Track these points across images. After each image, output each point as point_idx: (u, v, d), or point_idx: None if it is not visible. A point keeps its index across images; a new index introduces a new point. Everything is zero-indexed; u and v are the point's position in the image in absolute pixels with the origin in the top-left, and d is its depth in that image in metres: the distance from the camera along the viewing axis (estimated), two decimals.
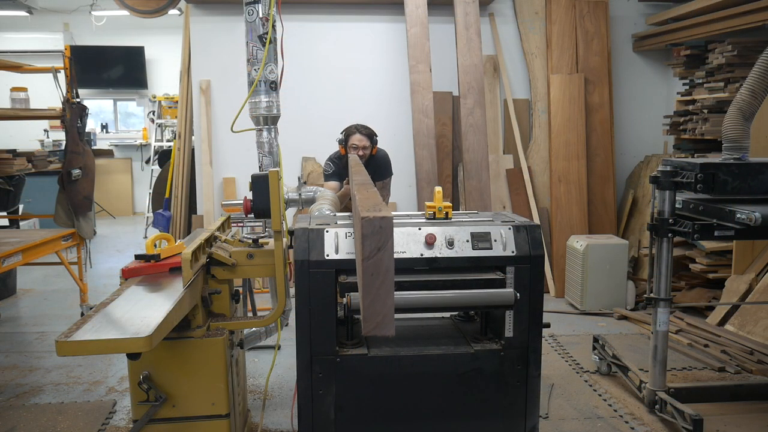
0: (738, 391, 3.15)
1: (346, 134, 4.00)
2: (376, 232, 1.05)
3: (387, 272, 1.04)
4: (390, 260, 1.05)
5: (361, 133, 3.97)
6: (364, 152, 3.95)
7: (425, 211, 2.43)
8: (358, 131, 3.97)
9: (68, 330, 1.71)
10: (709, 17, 4.58)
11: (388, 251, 1.05)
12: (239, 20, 3.21)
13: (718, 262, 4.45)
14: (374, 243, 1.05)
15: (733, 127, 2.88)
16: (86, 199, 4.45)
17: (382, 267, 1.05)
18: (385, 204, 1.27)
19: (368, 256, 1.05)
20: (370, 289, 1.04)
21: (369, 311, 1.04)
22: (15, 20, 9.38)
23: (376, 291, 1.04)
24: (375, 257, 1.05)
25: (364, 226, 1.05)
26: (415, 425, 2.28)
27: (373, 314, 1.03)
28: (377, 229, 1.05)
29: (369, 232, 1.06)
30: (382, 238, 1.05)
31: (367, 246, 1.05)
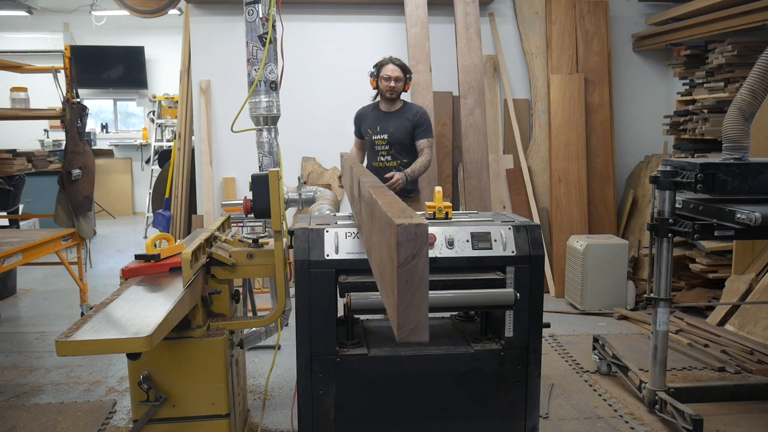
0: (738, 391, 3.15)
1: (378, 66, 3.88)
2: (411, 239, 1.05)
3: (422, 279, 1.04)
4: (425, 267, 1.05)
5: (395, 63, 3.83)
6: (396, 84, 3.82)
7: (425, 211, 2.43)
8: (391, 62, 3.84)
9: (68, 330, 1.71)
10: (709, 17, 4.58)
11: (423, 258, 1.05)
12: (239, 20, 3.21)
13: (718, 262, 4.45)
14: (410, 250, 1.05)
15: (733, 127, 2.88)
16: (86, 199, 4.45)
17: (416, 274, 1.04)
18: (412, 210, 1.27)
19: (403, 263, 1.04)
20: (404, 296, 1.03)
21: (403, 318, 1.03)
22: (15, 20, 9.38)
23: (410, 297, 1.04)
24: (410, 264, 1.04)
25: (400, 233, 1.05)
26: (415, 425, 2.28)
27: (408, 321, 1.03)
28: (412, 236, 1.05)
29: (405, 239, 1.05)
30: (418, 245, 1.04)
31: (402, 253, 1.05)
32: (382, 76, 3.83)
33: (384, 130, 3.88)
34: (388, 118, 3.90)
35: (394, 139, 3.85)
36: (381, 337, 2.39)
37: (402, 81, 3.85)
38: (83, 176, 4.40)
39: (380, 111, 3.95)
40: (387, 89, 3.84)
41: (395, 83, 3.82)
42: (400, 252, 1.04)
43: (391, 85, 3.81)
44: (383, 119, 3.90)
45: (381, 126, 3.89)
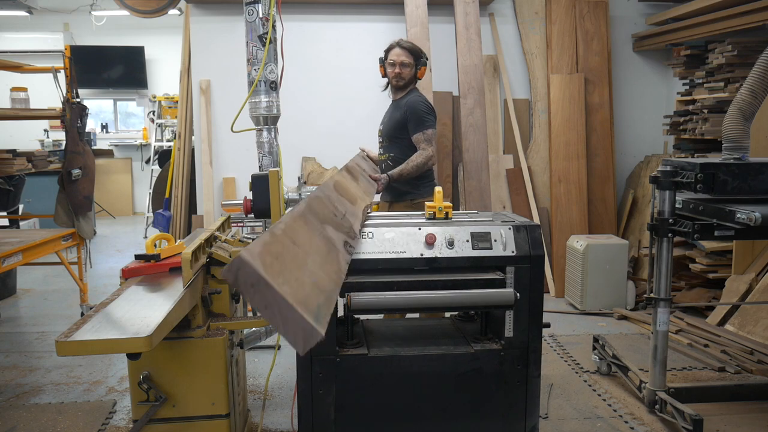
0: (738, 391, 3.15)
1: (386, 50, 3.51)
2: (238, 276, 1.00)
3: (276, 300, 0.99)
4: (273, 291, 0.99)
5: (402, 47, 3.42)
6: (402, 70, 3.42)
7: (425, 210, 2.43)
8: (398, 45, 3.43)
9: (68, 330, 1.71)
10: (709, 17, 4.58)
11: (262, 285, 0.99)
12: (239, 20, 3.21)
13: (718, 262, 4.45)
14: (244, 282, 1.00)
15: (733, 127, 2.88)
16: (86, 199, 4.45)
17: (268, 298, 0.99)
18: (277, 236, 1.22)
19: (248, 296, 1.01)
20: (275, 321, 0.99)
21: (289, 337, 1.00)
22: (15, 20, 9.38)
23: (281, 320, 0.99)
24: (254, 295, 1.00)
25: (224, 273, 1.02)
26: (415, 425, 2.28)
27: (294, 335, 1.00)
28: (235, 269, 1.00)
29: (232, 279, 1.01)
30: (249, 278, 0.99)
31: (240, 287, 1.00)
32: (388, 61, 3.48)
33: (383, 120, 3.64)
34: (391, 107, 3.61)
35: (386, 131, 3.56)
36: (381, 337, 2.39)
37: (410, 67, 3.45)
38: (83, 176, 4.40)
39: (392, 100, 3.66)
40: (393, 76, 3.48)
41: (401, 69, 3.43)
42: (235, 286, 1.01)
43: (396, 71, 3.44)
44: (388, 108, 3.64)
45: (385, 115, 3.65)
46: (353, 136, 5.42)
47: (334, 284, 1.26)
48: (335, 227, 1.63)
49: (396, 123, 3.47)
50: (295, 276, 1.08)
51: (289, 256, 1.14)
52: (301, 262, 1.18)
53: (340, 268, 1.39)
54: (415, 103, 3.44)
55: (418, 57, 3.47)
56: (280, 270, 1.04)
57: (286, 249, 1.16)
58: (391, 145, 3.52)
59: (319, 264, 1.26)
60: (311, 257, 1.26)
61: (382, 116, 3.66)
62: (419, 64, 3.48)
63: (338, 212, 1.80)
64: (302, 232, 1.35)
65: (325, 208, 1.69)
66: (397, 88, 3.53)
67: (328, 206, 1.74)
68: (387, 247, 2.18)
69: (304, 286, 1.08)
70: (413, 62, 3.46)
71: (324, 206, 1.70)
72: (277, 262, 1.06)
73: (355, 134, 5.42)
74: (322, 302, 1.07)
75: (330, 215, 1.68)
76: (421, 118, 3.40)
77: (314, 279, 1.15)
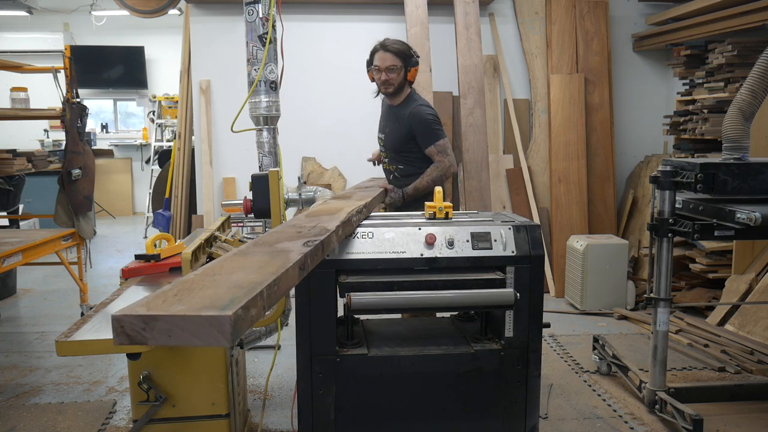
0: (738, 391, 3.15)
1: (371, 52, 3.11)
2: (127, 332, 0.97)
3: (172, 322, 0.97)
4: (164, 318, 0.97)
5: (387, 49, 2.99)
6: (389, 76, 3.01)
7: (425, 210, 2.43)
8: (382, 47, 3.01)
9: (68, 330, 1.71)
10: (709, 17, 4.58)
11: (151, 321, 0.97)
12: (239, 20, 3.21)
13: (718, 262, 4.45)
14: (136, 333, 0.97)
15: (733, 127, 2.88)
16: (86, 199, 4.45)
17: (165, 327, 0.97)
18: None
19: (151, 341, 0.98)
20: (186, 339, 0.97)
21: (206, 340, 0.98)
22: (15, 20, 9.38)
23: (190, 334, 0.97)
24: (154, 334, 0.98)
25: (115, 342, 0.99)
26: (415, 425, 2.28)
27: (207, 336, 0.98)
28: (119, 329, 0.97)
29: (125, 339, 0.98)
30: (135, 325, 0.97)
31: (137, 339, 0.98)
32: (374, 67, 3.11)
33: (382, 129, 3.32)
34: (390, 114, 3.25)
35: (389, 142, 3.25)
36: (381, 337, 2.39)
37: (399, 70, 3.04)
38: (83, 176, 4.40)
39: (387, 104, 3.29)
40: (381, 83, 3.10)
41: (388, 74, 3.03)
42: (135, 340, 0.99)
43: (383, 78, 3.05)
44: (387, 115, 3.30)
45: (383, 123, 3.33)
46: (353, 136, 5.44)
47: (270, 274, 1.21)
48: (294, 238, 1.59)
49: (401, 137, 3.15)
50: (201, 294, 1.07)
51: (200, 285, 1.13)
52: (219, 282, 1.17)
53: (287, 259, 1.35)
54: (420, 115, 3.08)
55: (406, 58, 3.06)
56: (178, 300, 1.03)
57: (196, 283, 1.14)
58: (398, 158, 3.22)
59: (251, 272, 1.24)
60: (238, 273, 1.23)
61: (379, 121, 3.39)
62: (409, 65, 3.07)
63: (305, 228, 1.75)
64: (232, 263, 1.33)
65: (281, 234, 1.66)
66: (387, 95, 3.18)
67: (287, 231, 1.71)
68: (387, 247, 2.18)
69: (215, 295, 1.06)
70: (402, 64, 3.05)
71: (280, 233, 1.67)
72: (175, 298, 1.05)
73: (355, 134, 5.44)
74: (239, 294, 1.05)
75: (288, 235, 1.64)
76: (431, 130, 3.07)
77: (236, 284, 1.14)
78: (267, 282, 1.16)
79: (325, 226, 1.79)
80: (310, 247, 1.49)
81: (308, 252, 1.45)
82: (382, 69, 3.07)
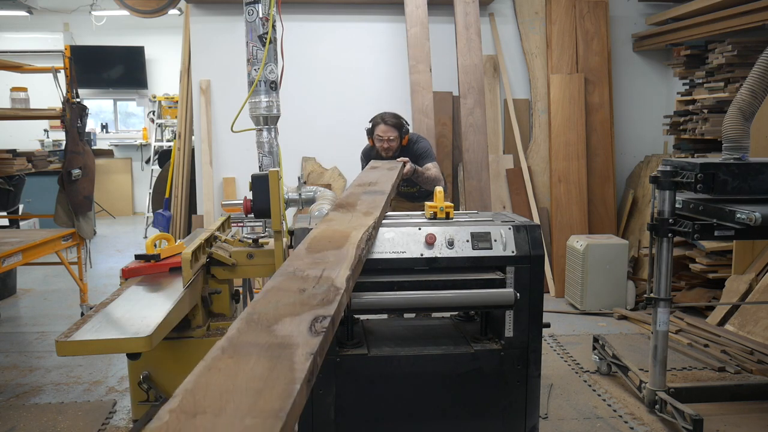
0: (738, 391, 3.15)
1: (372, 124, 3.74)
2: None
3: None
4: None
5: (386, 123, 3.65)
6: (390, 144, 3.66)
7: (425, 210, 2.43)
8: (383, 121, 3.66)
9: (68, 330, 1.71)
10: (709, 17, 4.58)
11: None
12: (239, 20, 3.21)
13: (718, 262, 4.45)
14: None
15: (733, 127, 2.88)
16: (86, 199, 4.45)
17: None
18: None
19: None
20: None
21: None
22: (15, 20, 9.38)
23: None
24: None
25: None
26: (415, 425, 2.28)
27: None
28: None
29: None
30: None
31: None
32: (376, 136, 3.71)
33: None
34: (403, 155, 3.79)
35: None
36: (381, 337, 2.39)
37: (397, 139, 3.69)
38: (83, 176, 4.40)
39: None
40: (382, 150, 3.71)
41: (389, 144, 3.67)
42: None
43: (385, 146, 3.68)
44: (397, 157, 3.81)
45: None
46: (353, 136, 5.42)
47: (272, 417, 0.85)
48: (298, 310, 1.24)
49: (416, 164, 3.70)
50: None
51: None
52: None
53: (293, 376, 0.98)
54: (427, 146, 3.85)
55: (401, 128, 3.70)
56: None
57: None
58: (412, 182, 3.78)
59: (247, 407, 0.88)
60: (229, 411, 0.87)
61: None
62: (403, 134, 3.71)
63: (309, 281, 1.42)
64: (220, 379, 0.96)
65: (281, 297, 1.32)
66: (387, 158, 3.72)
67: (289, 288, 1.38)
68: (387, 247, 2.18)
69: None
70: (398, 135, 3.68)
71: (281, 294, 1.34)
72: None
73: (355, 134, 5.42)
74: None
75: (290, 300, 1.30)
76: (429, 154, 3.81)
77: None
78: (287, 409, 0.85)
79: (332, 279, 1.44)
80: (319, 335, 1.14)
81: (317, 350, 1.08)
82: (384, 139, 3.67)
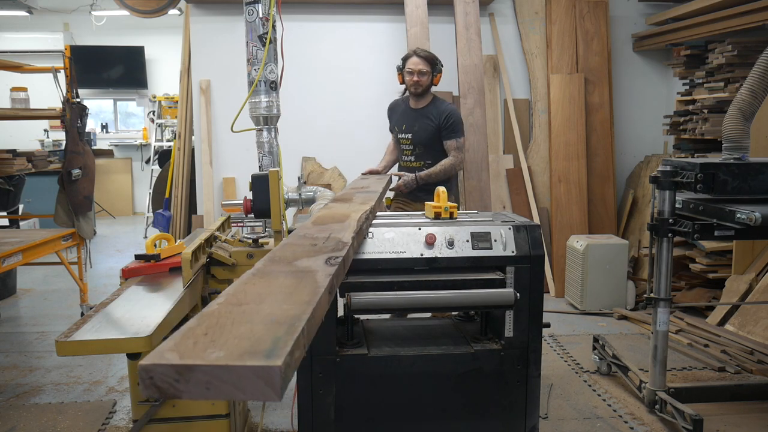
0: (738, 391, 3.15)
1: (403, 59, 3.67)
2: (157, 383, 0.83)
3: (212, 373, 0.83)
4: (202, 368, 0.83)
5: (419, 55, 3.58)
6: (420, 78, 3.56)
7: (426, 210, 2.43)
8: (416, 54, 3.59)
9: (68, 330, 1.71)
10: (709, 17, 4.58)
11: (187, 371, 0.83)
12: (239, 20, 3.21)
13: (718, 262, 4.45)
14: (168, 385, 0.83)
15: (733, 127, 2.88)
16: (86, 199, 4.45)
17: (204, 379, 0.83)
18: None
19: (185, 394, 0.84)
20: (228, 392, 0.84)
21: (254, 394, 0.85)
22: (15, 20, 9.38)
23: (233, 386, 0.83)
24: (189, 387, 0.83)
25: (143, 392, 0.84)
26: (414, 425, 2.28)
27: (254, 390, 0.84)
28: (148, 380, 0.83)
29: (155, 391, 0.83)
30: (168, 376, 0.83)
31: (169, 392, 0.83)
32: (406, 70, 3.62)
33: (409, 129, 3.70)
34: (414, 115, 3.69)
35: (418, 139, 3.66)
36: (381, 337, 2.39)
37: (428, 75, 3.59)
38: (83, 176, 4.40)
39: (409, 107, 3.73)
40: (411, 84, 3.61)
41: (419, 77, 3.57)
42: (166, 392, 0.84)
43: (415, 79, 3.58)
44: (410, 116, 3.71)
45: (407, 124, 3.70)
46: (353, 136, 5.44)
47: (306, 304, 1.09)
48: (312, 254, 1.47)
49: (432, 131, 3.61)
50: (236, 334, 0.94)
51: (230, 320, 1.00)
52: (249, 315, 1.03)
53: (317, 284, 1.21)
54: (455, 112, 3.66)
55: (434, 65, 3.61)
56: (211, 341, 0.91)
57: (223, 317, 1.02)
58: (426, 153, 3.65)
59: (283, 300, 1.12)
60: (268, 302, 1.11)
61: (396, 124, 3.76)
62: (435, 71, 3.62)
63: (319, 240, 1.63)
64: (255, 287, 1.20)
65: (296, 248, 1.53)
66: (415, 95, 3.65)
67: (301, 243, 1.58)
68: (387, 247, 2.18)
69: (253, 335, 0.94)
70: (430, 70, 3.59)
71: (295, 247, 1.54)
72: (205, 338, 0.92)
73: (356, 134, 5.44)
74: (281, 334, 0.93)
75: (304, 250, 1.52)
76: (457, 127, 3.62)
77: (272, 318, 1.01)
78: (306, 315, 1.03)
79: (339, 237, 1.67)
80: (334, 266, 1.36)
81: (334, 273, 1.32)
82: (414, 71, 3.56)
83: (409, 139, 3.70)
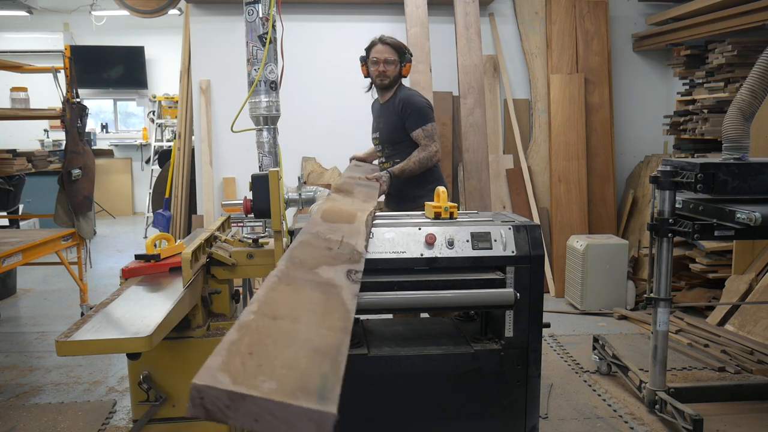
0: (738, 391, 3.15)
1: (367, 48, 3.21)
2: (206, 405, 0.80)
3: (263, 406, 0.81)
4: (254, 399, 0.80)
5: (385, 42, 3.14)
6: (387, 68, 3.14)
7: (426, 210, 2.43)
8: (380, 41, 3.15)
9: (68, 330, 1.71)
10: (709, 17, 4.58)
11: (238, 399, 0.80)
12: (239, 20, 3.21)
13: (718, 262, 4.45)
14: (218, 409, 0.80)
15: (733, 127, 2.88)
16: (86, 199, 4.45)
17: (254, 410, 0.80)
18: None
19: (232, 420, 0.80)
20: (276, 427, 0.81)
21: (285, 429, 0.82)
22: (15, 20, 9.38)
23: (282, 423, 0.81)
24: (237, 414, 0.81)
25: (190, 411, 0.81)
26: (415, 425, 2.28)
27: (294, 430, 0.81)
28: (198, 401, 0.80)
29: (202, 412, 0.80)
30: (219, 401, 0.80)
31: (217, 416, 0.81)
32: (371, 60, 3.19)
33: (376, 128, 3.37)
34: (381, 111, 3.32)
35: (384, 137, 3.29)
36: (381, 337, 2.39)
37: (395, 64, 3.16)
38: (83, 176, 4.40)
39: (378, 103, 3.37)
40: (376, 74, 3.18)
41: (385, 66, 3.14)
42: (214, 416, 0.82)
43: (381, 69, 3.15)
44: (378, 113, 3.36)
45: (376, 122, 3.38)
46: (353, 136, 5.43)
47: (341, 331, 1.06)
48: (332, 262, 1.45)
49: (395, 125, 3.22)
50: (282, 361, 0.91)
51: (270, 339, 0.97)
52: (288, 335, 1.01)
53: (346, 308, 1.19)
54: (410, 98, 3.18)
55: (402, 53, 3.18)
56: (258, 366, 0.87)
57: (263, 333, 0.99)
58: (394, 151, 3.26)
59: (317, 322, 1.09)
60: (303, 321, 1.08)
61: (372, 124, 3.45)
62: (404, 60, 3.19)
63: (333, 243, 1.61)
64: (285, 297, 1.18)
65: (314, 250, 1.51)
66: (381, 87, 3.25)
67: (317, 245, 1.57)
68: (387, 247, 2.18)
69: (299, 365, 0.91)
70: (397, 59, 3.17)
71: (312, 248, 1.52)
72: (251, 359, 0.89)
73: (355, 134, 5.42)
74: (327, 370, 0.92)
75: (322, 254, 1.50)
76: (419, 113, 3.14)
77: (312, 345, 0.99)
78: (344, 348, 1.02)
79: (353, 245, 1.65)
80: (356, 283, 1.37)
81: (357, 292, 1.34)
82: (380, 61, 3.16)
83: (378, 139, 3.36)
